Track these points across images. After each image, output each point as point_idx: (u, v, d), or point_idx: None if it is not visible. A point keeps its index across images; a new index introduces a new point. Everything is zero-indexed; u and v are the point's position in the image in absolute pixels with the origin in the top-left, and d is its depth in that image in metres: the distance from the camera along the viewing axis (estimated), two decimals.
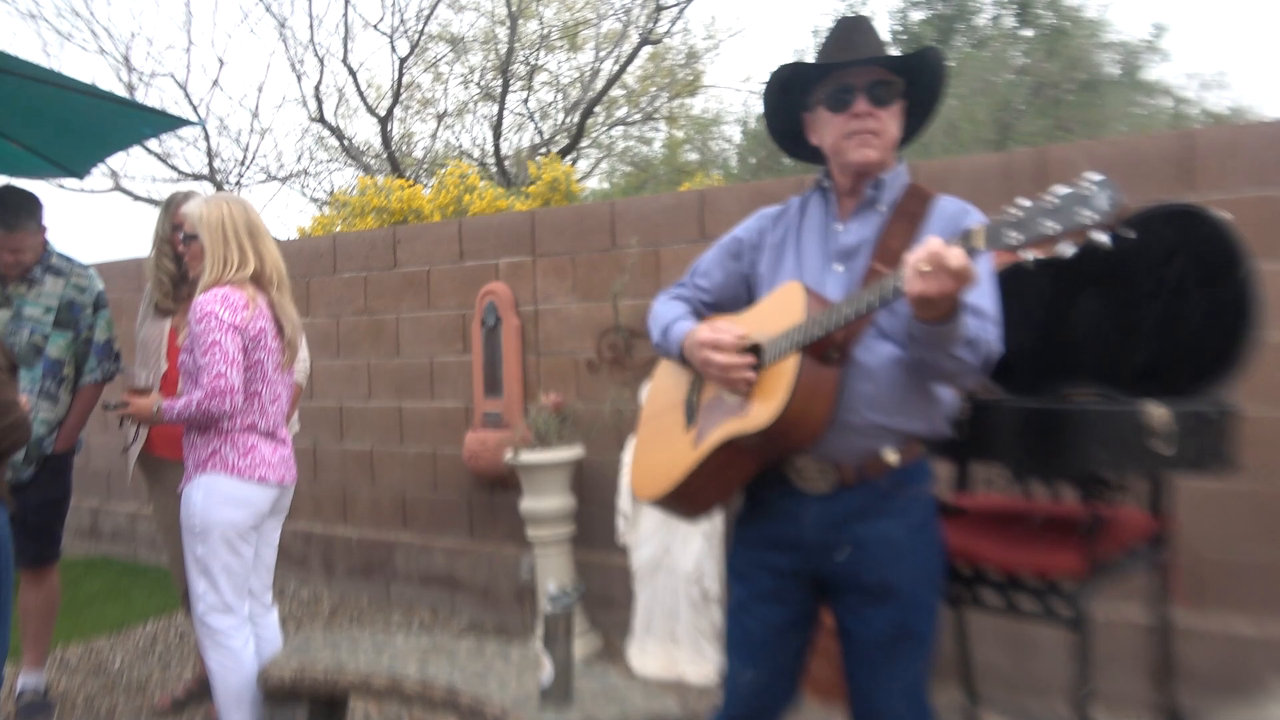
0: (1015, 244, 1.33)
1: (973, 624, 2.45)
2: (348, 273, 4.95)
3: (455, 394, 4.58)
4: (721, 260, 1.94)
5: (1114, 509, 1.96)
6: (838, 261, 1.75)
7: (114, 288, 5.91)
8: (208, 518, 2.54)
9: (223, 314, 2.51)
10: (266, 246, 2.67)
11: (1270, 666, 2.85)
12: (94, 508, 6.04)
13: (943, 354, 1.54)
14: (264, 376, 2.62)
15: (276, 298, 2.67)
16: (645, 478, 1.92)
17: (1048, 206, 1.31)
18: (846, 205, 1.80)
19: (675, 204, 3.98)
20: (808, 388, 1.58)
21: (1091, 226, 1.27)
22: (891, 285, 1.49)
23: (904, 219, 1.72)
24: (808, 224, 1.84)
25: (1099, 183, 1.27)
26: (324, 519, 5.07)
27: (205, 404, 2.48)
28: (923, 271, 1.41)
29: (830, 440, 1.66)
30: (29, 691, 3.37)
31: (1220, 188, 3.01)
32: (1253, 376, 1.98)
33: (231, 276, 2.57)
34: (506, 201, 7.08)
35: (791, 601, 1.80)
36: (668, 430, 1.91)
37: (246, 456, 2.58)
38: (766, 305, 1.78)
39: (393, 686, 2.45)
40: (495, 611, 4.34)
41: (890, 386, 1.66)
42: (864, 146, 1.72)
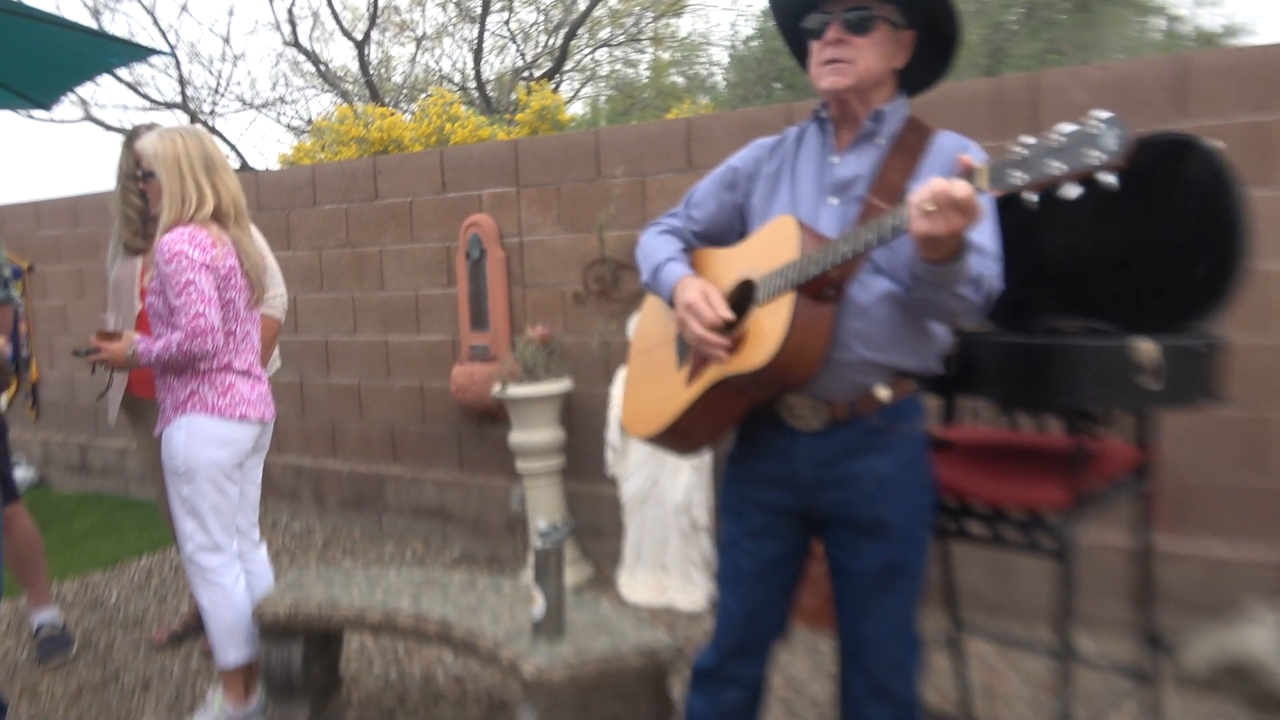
0: (1019, 184, 1.29)
1: (957, 551, 2.50)
2: (328, 204, 4.87)
3: (441, 327, 4.55)
4: (715, 190, 1.90)
5: (1099, 441, 1.97)
6: (833, 194, 1.72)
7: (87, 221, 5.83)
8: (191, 459, 2.54)
9: (193, 253, 2.45)
10: (223, 180, 2.57)
11: (1246, 588, 2.92)
12: (82, 443, 6.04)
13: (947, 293, 1.51)
14: (236, 315, 2.59)
15: (235, 233, 2.59)
16: (638, 415, 1.91)
17: (1053, 145, 1.26)
18: (844, 137, 1.75)
19: (662, 132, 3.90)
20: (803, 327, 1.57)
21: (1099, 168, 1.22)
22: (890, 223, 1.45)
23: (902, 153, 1.68)
24: (804, 155, 1.80)
25: (1107, 121, 1.22)
26: (313, 453, 5.08)
27: (186, 345, 2.45)
28: (928, 211, 1.37)
29: (823, 378, 1.65)
30: (47, 626, 3.40)
31: (1215, 113, 2.97)
32: (1241, 305, 1.98)
33: (192, 214, 2.51)
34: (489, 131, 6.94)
35: (783, 537, 1.81)
36: (659, 367, 1.90)
37: (225, 395, 2.56)
38: (759, 239, 1.74)
39: (387, 621, 2.48)
40: (487, 542, 4.39)
41: (884, 323, 1.64)
42: (834, 74, 1.67)
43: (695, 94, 13.60)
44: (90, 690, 3.09)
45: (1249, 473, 3.00)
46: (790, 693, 2.84)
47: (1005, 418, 2.33)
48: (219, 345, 2.49)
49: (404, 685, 3.03)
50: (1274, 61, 2.92)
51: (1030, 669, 2.92)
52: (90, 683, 3.14)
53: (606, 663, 2.18)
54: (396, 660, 3.23)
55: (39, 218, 6.12)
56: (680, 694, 2.13)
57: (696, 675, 1.94)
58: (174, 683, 3.11)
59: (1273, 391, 2.95)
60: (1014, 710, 2.68)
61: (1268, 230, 2.75)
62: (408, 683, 3.05)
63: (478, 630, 2.34)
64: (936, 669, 2.84)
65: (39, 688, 3.12)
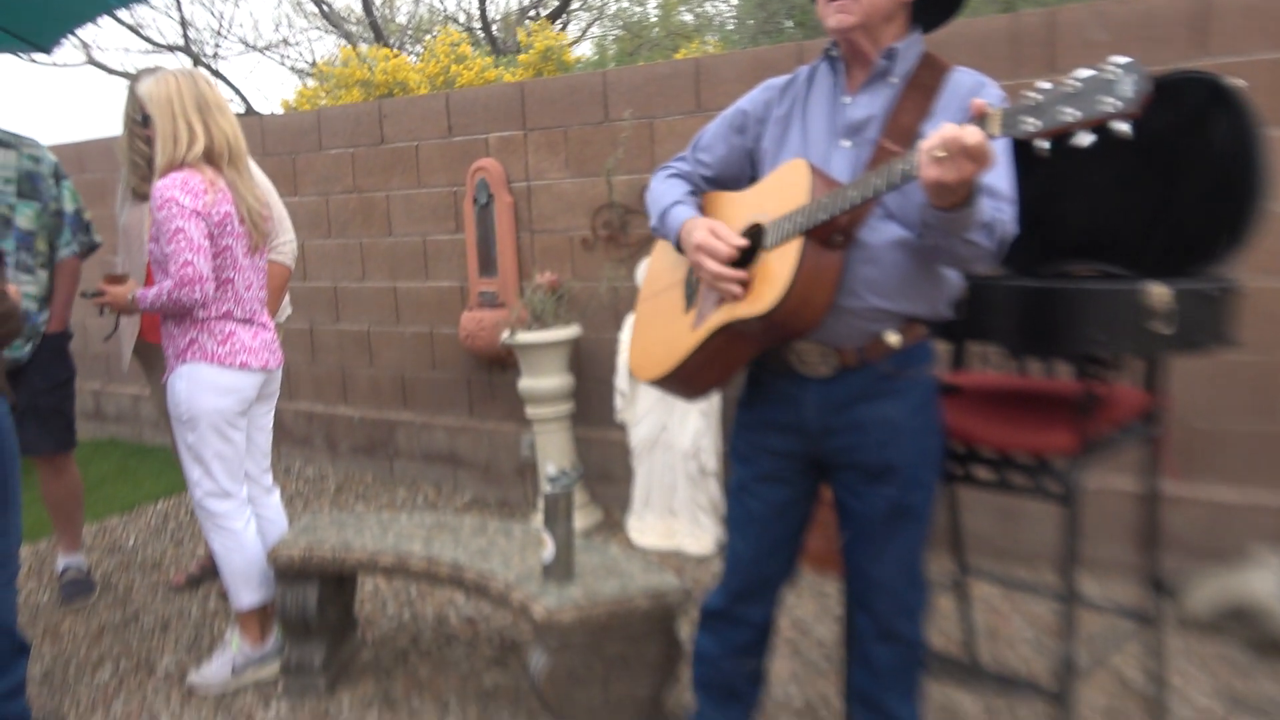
0: (1032, 131, 1.26)
1: (964, 496, 2.51)
2: (334, 149, 4.82)
3: (450, 273, 4.54)
4: (724, 134, 1.87)
5: (1108, 387, 1.96)
6: (845, 137, 1.68)
7: (93, 168, 5.80)
8: (194, 407, 2.55)
9: (184, 199, 2.42)
10: (215, 120, 2.52)
11: (1251, 533, 2.94)
12: (96, 390, 6.09)
13: (958, 240, 1.49)
14: (234, 263, 2.56)
15: (230, 176, 2.54)
16: (644, 358, 1.91)
17: (1068, 91, 1.23)
18: (856, 76, 1.71)
19: (670, 73, 3.84)
20: (810, 273, 1.55)
21: (1114, 115, 1.19)
22: (900, 169, 1.43)
23: (916, 92, 1.63)
24: (815, 96, 1.75)
25: (1124, 66, 1.18)
26: (324, 399, 5.11)
27: (175, 293, 2.44)
28: (938, 157, 1.34)
29: (832, 325, 1.64)
30: (73, 569, 3.47)
31: (1236, 51, 2.90)
32: (1256, 248, 1.95)
33: (184, 155, 2.47)
34: (495, 73, 6.83)
35: (792, 481, 1.82)
36: (667, 310, 1.89)
37: (225, 344, 2.56)
38: (770, 183, 1.72)
39: (399, 564, 2.52)
40: (497, 487, 4.43)
41: (894, 269, 1.62)
42: (839, 12, 1.62)
43: (704, 32, 13.33)
44: (111, 631, 3.16)
45: (1257, 418, 2.99)
46: (796, 634, 2.88)
47: (1014, 364, 2.32)
48: (208, 294, 2.47)
49: (417, 626, 3.09)
50: None
51: (1034, 611, 2.95)
52: (111, 624, 3.21)
53: (615, 605, 2.21)
54: (410, 602, 3.29)
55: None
56: (688, 636, 2.16)
57: (705, 616, 1.97)
58: (192, 624, 3.18)
59: None
60: (1017, 652, 2.71)
61: None
62: (421, 624, 3.11)
63: (489, 573, 2.37)
64: (941, 612, 2.88)
65: (61, 629, 3.19)
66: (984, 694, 2.48)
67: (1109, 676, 2.55)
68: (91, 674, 2.86)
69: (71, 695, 2.73)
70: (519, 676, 2.70)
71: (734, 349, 1.74)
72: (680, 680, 2.46)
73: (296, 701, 2.63)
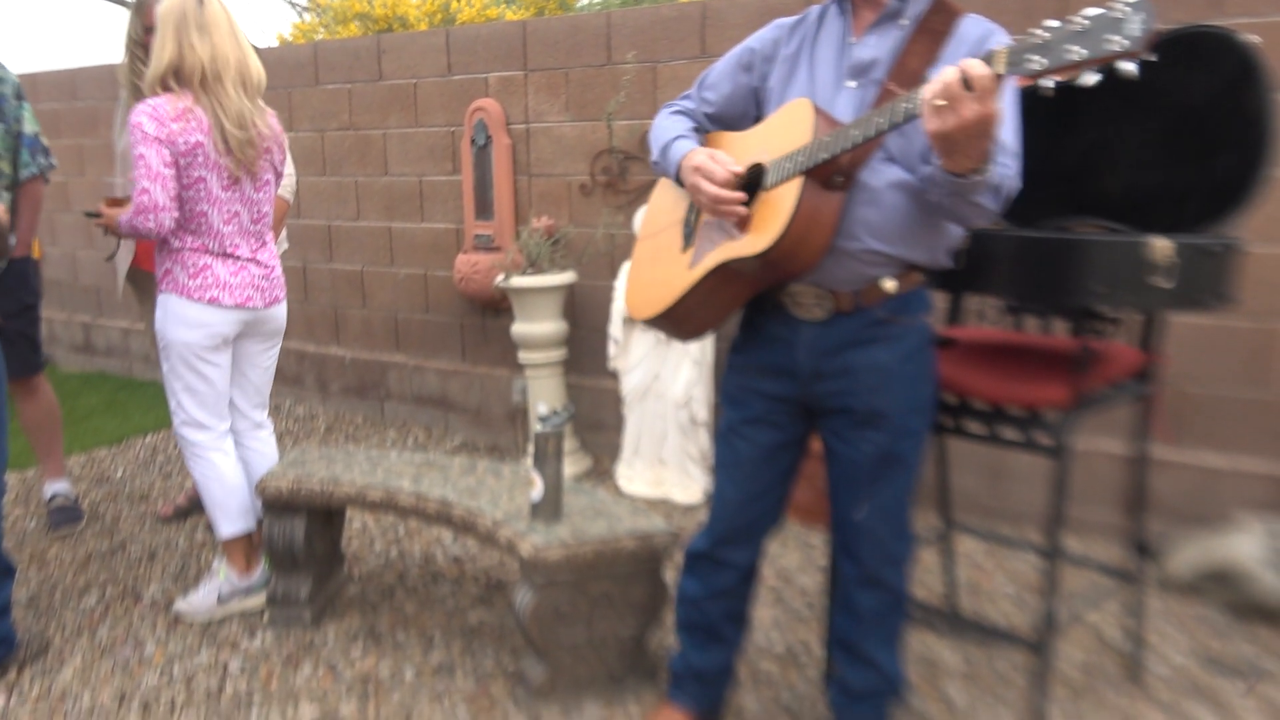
0: (1038, 69, 1.23)
1: (953, 452, 2.52)
2: (331, 84, 4.74)
3: (445, 215, 4.49)
4: (731, 72, 1.84)
5: (1104, 343, 1.95)
6: (851, 78, 1.66)
7: (89, 95, 5.70)
8: (165, 336, 2.54)
9: (148, 126, 2.37)
10: (190, 39, 2.42)
11: (1237, 499, 2.96)
12: (86, 323, 6.05)
13: (964, 202, 1.48)
14: (208, 195, 2.49)
15: (202, 97, 2.44)
16: (640, 297, 1.90)
17: (1076, 29, 1.20)
18: (866, 17, 1.68)
19: (676, 16, 3.77)
20: (808, 214, 1.53)
21: (1121, 55, 1.17)
22: (904, 108, 1.40)
23: (926, 36, 1.60)
24: (824, 36, 1.73)
25: (1134, 5, 1.16)
26: (316, 339, 5.09)
27: (133, 220, 2.41)
28: (938, 106, 1.32)
29: (828, 267, 1.62)
30: (60, 496, 3.47)
31: (1251, 11, 2.85)
32: (1257, 212, 1.94)
33: (158, 73, 2.43)
34: (497, 11, 6.71)
35: (781, 425, 1.82)
36: (665, 249, 1.87)
37: (196, 278, 2.52)
38: (774, 122, 1.69)
39: (388, 499, 2.52)
40: (488, 432, 4.44)
41: (894, 213, 1.60)
42: None
43: None
44: (98, 559, 3.17)
45: (1250, 385, 3.00)
46: (780, 583, 2.91)
47: (1011, 318, 2.31)
48: (164, 225, 2.41)
49: (404, 564, 3.11)
50: None
51: (1016, 568, 2.98)
52: (98, 551, 3.22)
53: (602, 544, 2.22)
54: (397, 540, 3.30)
55: (35, 90, 5.97)
56: (673, 580, 2.18)
57: (689, 558, 1.98)
58: (179, 554, 3.19)
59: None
60: (998, 606, 2.74)
61: None
62: (408, 561, 3.12)
63: (476, 510, 2.37)
64: (925, 565, 2.91)
65: (47, 555, 3.20)
66: (964, 645, 2.51)
67: (1087, 633, 2.58)
68: (78, 599, 2.87)
69: (57, 619, 2.74)
70: (504, 614, 2.72)
71: (730, 289, 1.73)
72: (664, 623, 2.48)
73: (281, 632, 2.65)
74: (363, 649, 2.56)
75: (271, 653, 2.55)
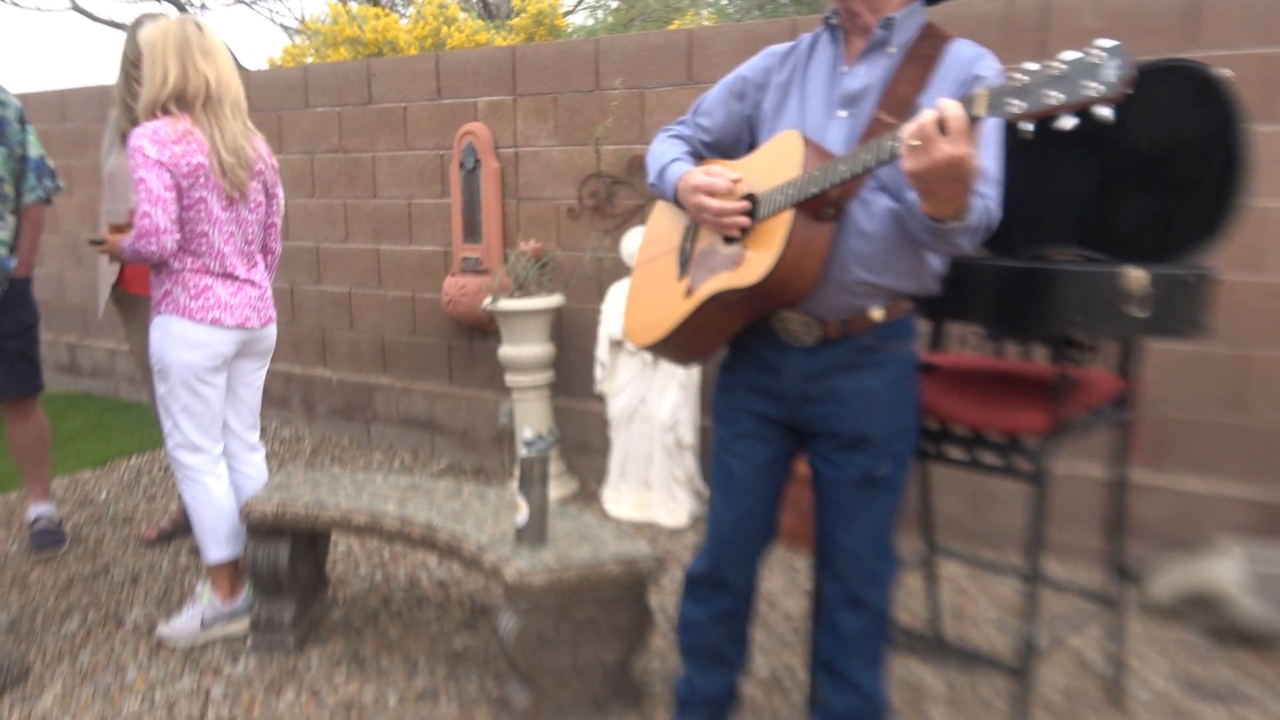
0: (1017, 112, 1.26)
1: (936, 477, 2.54)
2: (320, 107, 4.77)
3: (434, 238, 4.51)
4: (725, 100, 1.87)
5: (1083, 370, 1.98)
6: (842, 107, 1.68)
7: (77, 116, 5.71)
8: (165, 358, 2.54)
9: (149, 149, 2.39)
10: (194, 63, 2.46)
11: (1217, 524, 2.98)
12: (72, 344, 6.03)
13: (941, 243, 1.53)
14: (209, 216, 2.51)
15: (203, 120, 2.47)
16: (639, 323, 1.93)
17: (1054, 73, 1.23)
18: (855, 45, 1.71)
19: (663, 44, 3.81)
20: (800, 245, 1.56)
21: (1097, 100, 1.19)
22: (890, 145, 1.43)
23: (915, 63, 1.63)
24: (815, 64, 1.76)
25: (1109, 50, 1.18)
26: (303, 360, 5.08)
27: (135, 244, 2.42)
28: (913, 146, 1.35)
29: (819, 297, 1.65)
30: (44, 519, 3.44)
31: (1225, 44, 2.91)
32: (1234, 241, 1.97)
33: (158, 96, 2.45)
34: (487, 36, 6.76)
35: (771, 440, 1.84)
36: (662, 276, 1.90)
37: (198, 299, 2.53)
38: (764, 154, 1.72)
39: (372, 523, 2.52)
40: (474, 454, 4.43)
41: (884, 243, 1.63)
42: None
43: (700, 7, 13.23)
44: (80, 582, 3.14)
45: (1229, 410, 3.03)
46: (765, 607, 2.91)
47: (992, 345, 2.34)
48: (166, 248, 2.43)
49: (389, 588, 3.10)
50: None
51: (999, 592, 2.99)
52: (80, 575, 3.20)
53: (587, 569, 2.22)
54: (382, 564, 3.29)
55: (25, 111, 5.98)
56: (658, 604, 2.18)
57: (690, 582, 1.99)
58: (163, 578, 3.17)
59: (1259, 330, 2.96)
60: (981, 630, 2.75)
61: (1268, 167, 2.73)
62: (393, 585, 3.12)
63: (462, 535, 2.37)
64: (909, 589, 2.92)
65: (29, 578, 3.18)
66: (947, 670, 2.52)
67: (1069, 657, 2.60)
68: (59, 624, 2.85)
69: (38, 644, 2.72)
70: (488, 639, 2.72)
71: (725, 317, 1.76)
72: (649, 648, 2.48)
73: (265, 657, 2.64)
74: (346, 674, 2.55)
75: (254, 678, 2.54)
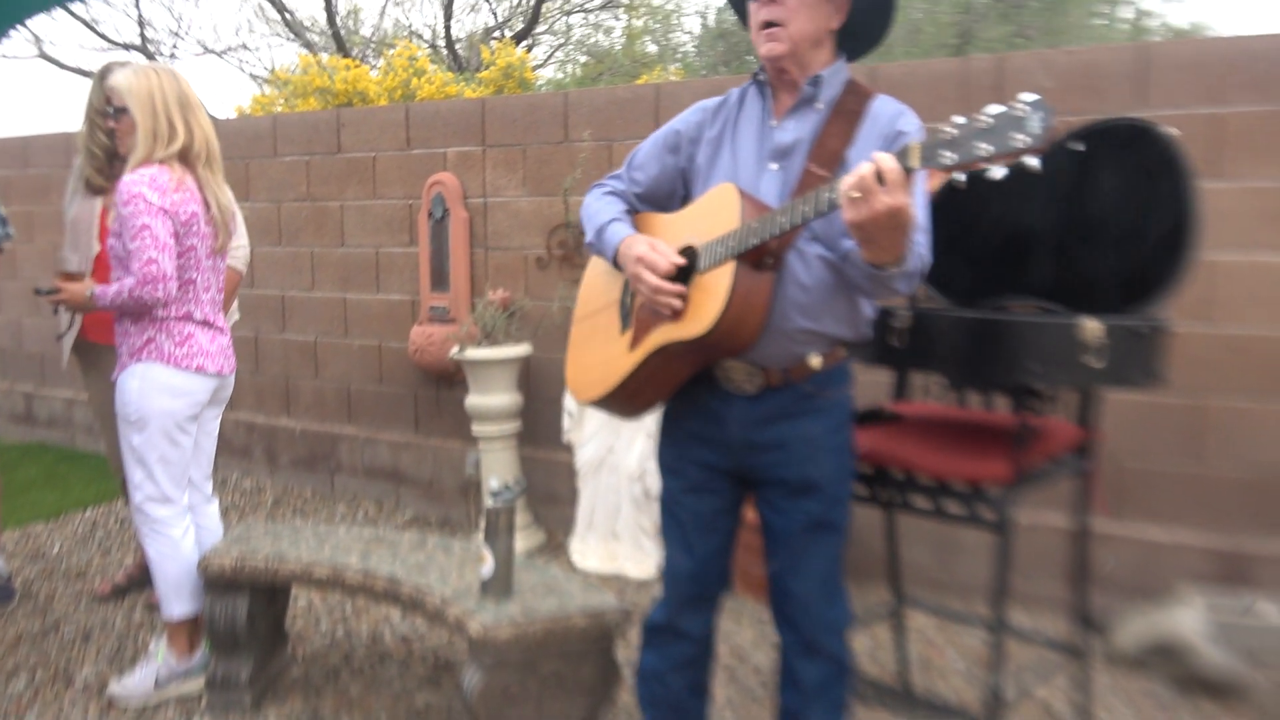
0: (949, 164, 1.32)
1: (903, 528, 2.54)
2: (289, 156, 4.77)
3: (401, 286, 4.50)
4: (659, 154, 1.91)
5: (1043, 419, 2.01)
6: (773, 160, 1.74)
7: (41, 163, 5.67)
8: (144, 407, 2.49)
9: (151, 196, 2.40)
10: (198, 120, 2.53)
11: (1179, 572, 3.01)
12: (28, 393, 5.90)
13: (880, 286, 1.57)
14: (198, 264, 2.54)
15: (205, 176, 2.55)
16: (582, 380, 1.93)
17: (981, 127, 1.29)
18: (784, 100, 1.77)
19: (630, 97, 3.88)
20: (743, 295, 1.59)
21: (1023, 151, 1.25)
22: (827, 197, 1.48)
23: (841, 118, 1.70)
24: (745, 119, 1.81)
25: (1032, 104, 1.25)
26: (266, 410, 5.02)
27: (137, 291, 2.40)
28: (853, 198, 1.40)
29: (763, 345, 1.68)
30: None
31: (1173, 103, 3.02)
32: (1185, 294, 2.02)
33: (162, 153, 2.46)
34: (456, 88, 6.83)
35: (719, 491, 1.85)
36: (603, 331, 1.91)
37: (183, 345, 2.52)
38: (701, 206, 1.76)
39: (334, 576, 2.47)
40: (440, 506, 4.38)
41: (821, 293, 1.68)
42: (769, 41, 1.70)
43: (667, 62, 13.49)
44: (28, 640, 3.04)
45: (1186, 459, 3.08)
46: (734, 660, 2.88)
47: (955, 395, 2.37)
48: (171, 294, 2.44)
49: (350, 644, 3.03)
50: (1230, 55, 2.97)
51: (967, 644, 2.99)
52: (29, 632, 3.10)
53: (553, 622, 2.19)
54: (344, 619, 3.22)
55: None
56: (626, 659, 2.15)
57: (647, 633, 1.97)
58: (115, 634, 3.08)
59: (1212, 380, 3.03)
60: (949, 682, 2.74)
61: (1216, 222, 2.82)
62: (354, 641, 3.05)
63: (425, 588, 2.34)
64: (877, 641, 2.91)
65: None
66: None
67: (1037, 708, 2.59)
68: (5, 683, 2.75)
69: None
70: (452, 696, 2.66)
71: (671, 369, 1.77)
72: (616, 703, 2.44)
73: (220, 717, 2.56)
74: None
75: None
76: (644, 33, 14.48)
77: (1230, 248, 2.97)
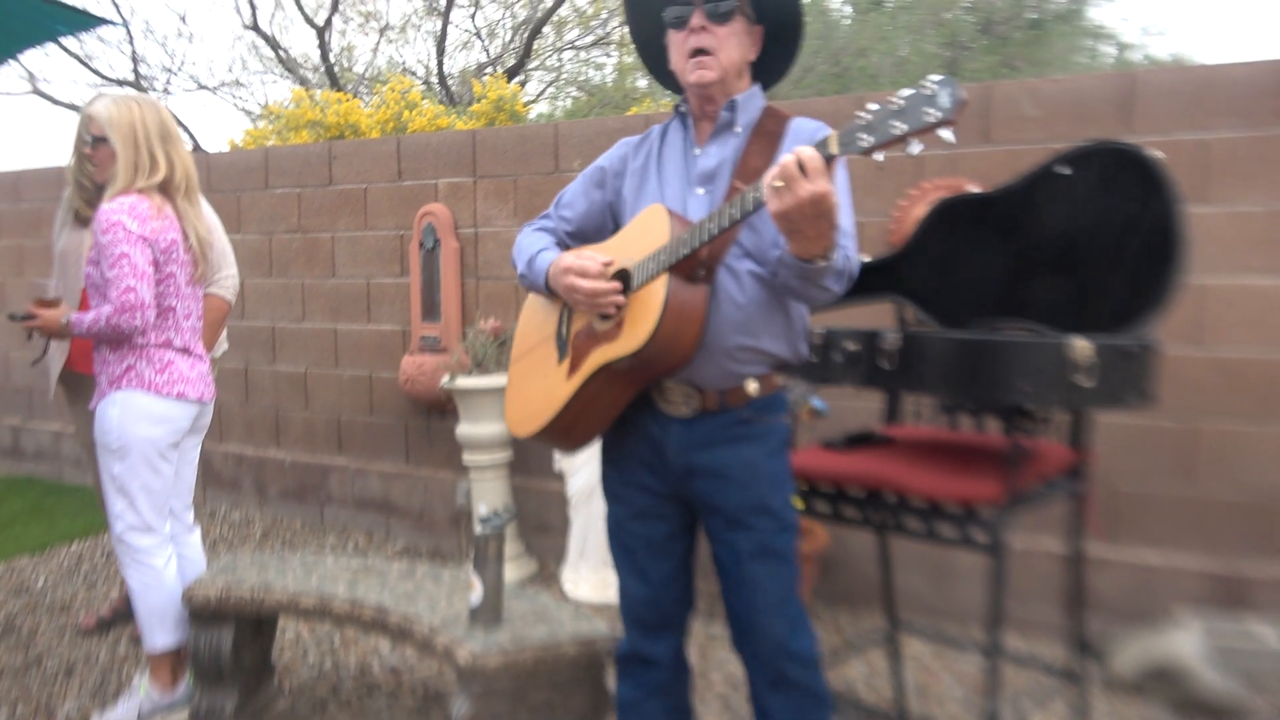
0: (867, 145, 1.37)
1: (897, 553, 2.52)
2: (281, 189, 4.79)
3: (392, 317, 4.50)
4: (585, 190, 1.95)
5: (1035, 441, 2.00)
6: (699, 185, 1.77)
7: (33, 196, 5.67)
8: (125, 435, 2.47)
9: (130, 225, 2.39)
10: (178, 151, 2.54)
11: (1175, 595, 3.00)
12: (15, 426, 5.86)
13: (811, 285, 1.58)
14: (177, 291, 2.53)
15: (183, 206, 2.54)
16: (521, 414, 1.90)
17: (894, 108, 1.34)
18: (704, 129, 1.82)
19: (620, 128, 3.90)
20: (677, 308, 1.60)
21: (937, 124, 1.30)
22: (751, 197, 1.51)
23: (762, 139, 1.74)
24: (668, 149, 1.85)
25: (940, 82, 1.31)
26: (256, 441, 4.98)
27: (115, 319, 2.39)
28: (776, 188, 1.43)
29: (700, 363, 1.69)
30: None
31: (1158, 130, 3.05)
32: (1174, 317, 2.03)
33: (142, 183, 2.46)
34: (448, 120, 6.88)
35: (667, 517, 1.84)
36: (540, 365, 1.90)
37: (163, 373, 2.51)
38: (631, 230, 1.78)
39: (321, 606, 2.44)
40: (431, 536, 4.34)
41: (756, 308, 1.69)
42: (699, 69, 1.74)
43: (657, 96, 13.61)
44: (10, 674, 2.99)
45: (1179, 482, 3.08)
46: (728, 689, 2.84)
47: (946, 418, 2.36)
48: (149, 321, 2.43)
49: (338, 675, 2.98)
50: (1215, 83, 3.01)
51: (963, 669, 2.96)
52: (11, 666, 3.04)
53: (543, 651, 2.16)
54: (332, 651, 3.17)
55: None
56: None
57: (619, 663, 1.95)
58: (99, 668, 3.03)
59: (1204, 403, 3.03)
60: (946, 709, 2.71)
61: (1204, 246, 2.84)
62: (342, 673, 3.00)
63: (414, 616, 2.30)
64: (873, 668, 2.88)
65: None
66: None
67: None
68: None
69: None
70: None
71: (610, 392, 1.76)
72: None
73: None
74: None
75: None
76: (635, 68, 14.63)
77: (1218, 271, 2.99)
